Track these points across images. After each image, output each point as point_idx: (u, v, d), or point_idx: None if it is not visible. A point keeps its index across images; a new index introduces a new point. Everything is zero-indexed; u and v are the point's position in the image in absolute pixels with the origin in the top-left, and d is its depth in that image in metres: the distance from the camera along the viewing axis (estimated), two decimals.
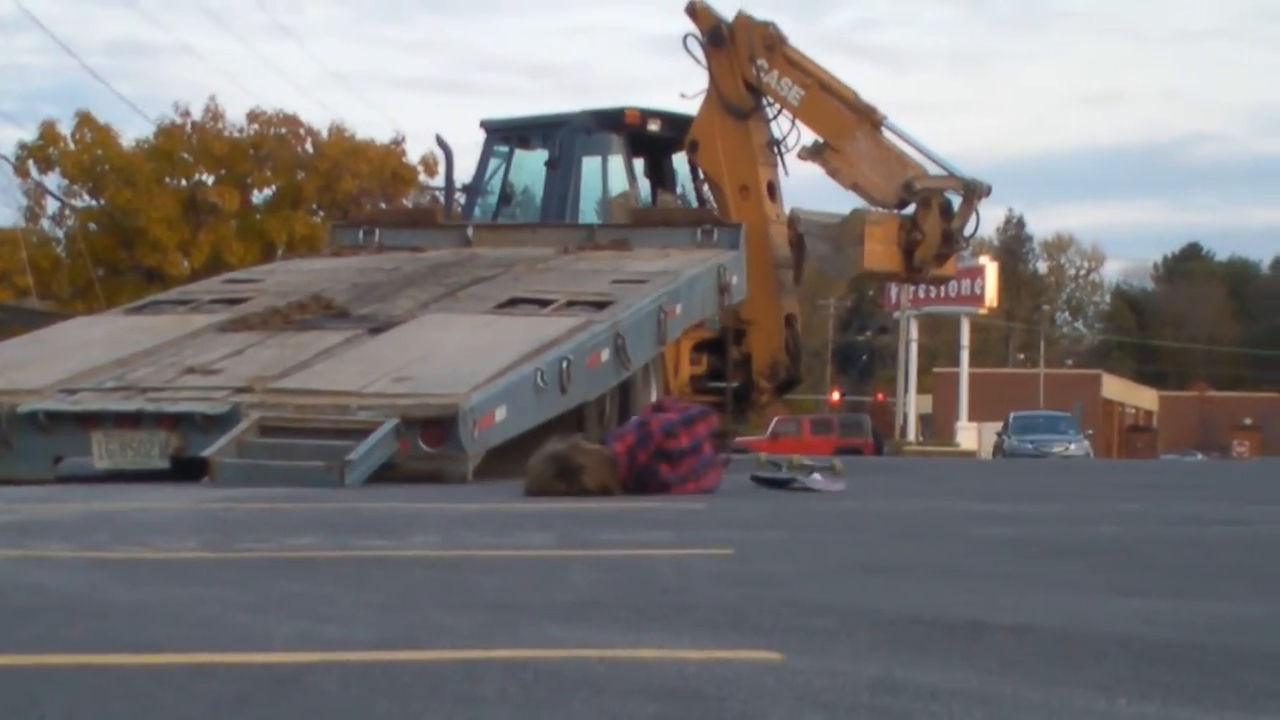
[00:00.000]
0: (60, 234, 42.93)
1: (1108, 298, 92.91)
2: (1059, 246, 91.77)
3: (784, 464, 11.88)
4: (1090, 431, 43.65)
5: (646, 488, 9.09)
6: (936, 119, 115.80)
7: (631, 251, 15.13)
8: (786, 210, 17.23)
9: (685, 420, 9.35)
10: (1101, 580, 5.00)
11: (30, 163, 40.80)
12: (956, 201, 16.27)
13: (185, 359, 11.70)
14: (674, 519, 7.23)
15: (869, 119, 16.30)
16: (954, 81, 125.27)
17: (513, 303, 13.00)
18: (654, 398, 13.16)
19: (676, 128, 17.28)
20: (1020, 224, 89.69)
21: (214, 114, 41.72)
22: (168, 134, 41.32)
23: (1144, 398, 69.82)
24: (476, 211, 17.80)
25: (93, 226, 41.38)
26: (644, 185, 17.49)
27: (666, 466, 9.17)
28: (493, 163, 17.76)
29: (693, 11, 17.32)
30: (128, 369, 11.54)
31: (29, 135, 41.88)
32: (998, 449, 36.83)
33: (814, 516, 7.72)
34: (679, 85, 29.04)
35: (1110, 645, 3.59)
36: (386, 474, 9.92)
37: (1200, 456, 46.99)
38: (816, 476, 10.23)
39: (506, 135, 17.78)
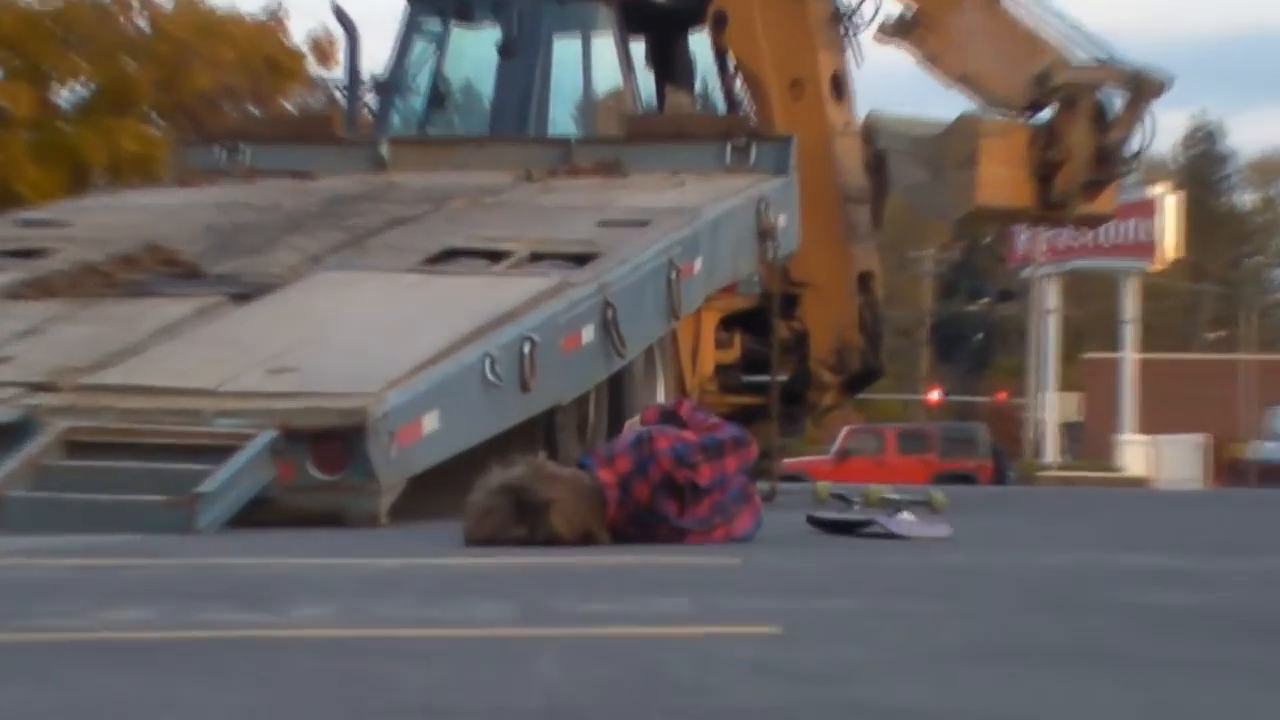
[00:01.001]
0: None
1: None
2: (1271, 170, 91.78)
3: (857, 498, 11.93)
4: None
5: (649, 534, 9.11)
6: None
7: (627, 179, 15.17)
8: (860, 117, 17.28)
9: (710, 448, 9.23)
10: None
11: None
12: (1117, 104, 16.30)
13: None
14: (692, 581, 7.26)
15: None
16: None
17: (449, 255, 13.03)
18: (661, 398, 13.18)
19: None
20: (1213, 138, 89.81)
21: None
22: None
23: None
24: (395, 119, 17.82)
25: None
26: (645, 80, 17.52)
27: (676, 505, 9.13)
28: (418, 46, 17.76)
29: None
30: None
31: None
32: (1246, 472, 35.23)
33: (900, 577, 7.75)
34: None
35: None
36: (259, 513, 9.95)
37: None
38: (905, 516, 10.26)
39: (439, 4, 17.79)
